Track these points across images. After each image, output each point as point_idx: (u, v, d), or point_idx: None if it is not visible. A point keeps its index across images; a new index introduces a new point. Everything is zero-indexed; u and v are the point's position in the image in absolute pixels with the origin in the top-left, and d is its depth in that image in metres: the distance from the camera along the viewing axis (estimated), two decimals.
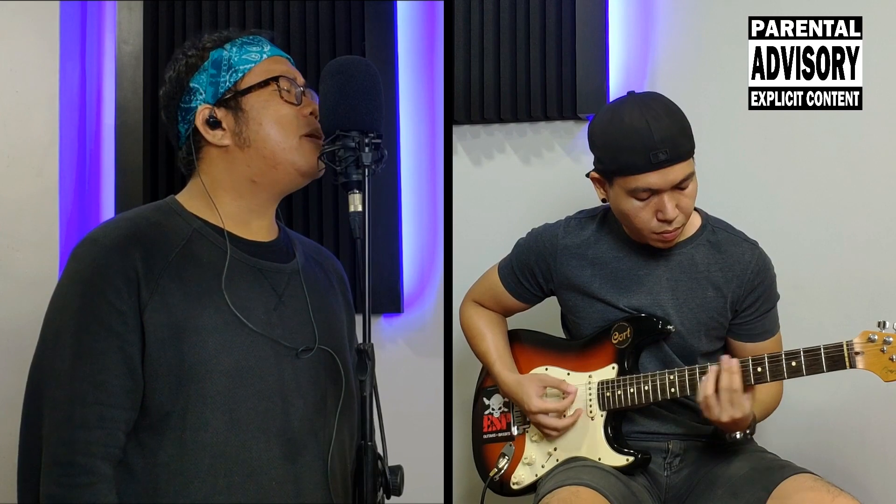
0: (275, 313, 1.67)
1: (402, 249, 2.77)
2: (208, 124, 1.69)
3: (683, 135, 2.01)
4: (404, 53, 2.82)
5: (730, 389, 1.95)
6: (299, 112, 1.71)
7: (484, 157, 2.83)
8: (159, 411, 1.57)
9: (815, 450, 2.48)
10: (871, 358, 1.87)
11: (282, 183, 1.72)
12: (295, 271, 1.75)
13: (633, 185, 2.01)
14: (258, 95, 1.69)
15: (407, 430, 2.14)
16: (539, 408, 2.17)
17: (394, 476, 1.53)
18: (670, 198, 2.01)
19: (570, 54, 2.70)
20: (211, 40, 1.73)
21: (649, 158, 1.97)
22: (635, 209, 2.04)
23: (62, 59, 2.91)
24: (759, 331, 2.15)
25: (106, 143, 3.00)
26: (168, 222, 1.66)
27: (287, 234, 1.82)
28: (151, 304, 1.56)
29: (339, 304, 1.86)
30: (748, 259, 2.12)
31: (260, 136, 1.68)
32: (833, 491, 1.90)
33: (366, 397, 1.50)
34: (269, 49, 1.75)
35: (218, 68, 1.70)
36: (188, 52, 1.73)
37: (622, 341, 2.14)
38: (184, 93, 1.71)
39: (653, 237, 2.08)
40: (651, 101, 2.04)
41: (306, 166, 1.70)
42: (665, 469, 2.15)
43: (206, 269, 1.63)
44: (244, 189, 1.70)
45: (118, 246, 1.58)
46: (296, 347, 1.67)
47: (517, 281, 2.29)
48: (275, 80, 1.70)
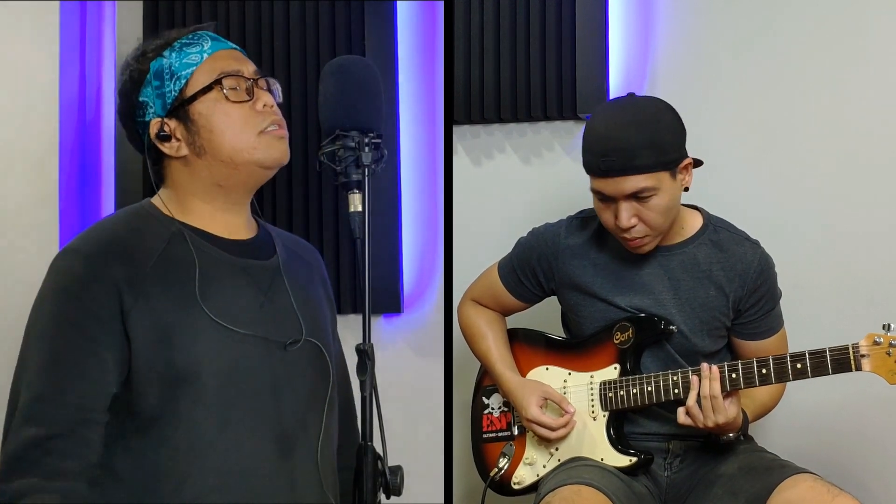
0: (261, 311, 1.66)
1: (402, 249, 2.77)
2: (160, 138, 1.67)
3: (647, 148, 1.97)
4: (404, 53, 2.81)
5: (710, 396, 1.95)
6: (252, 108, 1.67)
7: (484, 157, 2.83)
8: (148, 414, 1.56)
9: (815, 450, 2.48)
10: (877, 361, 1.86)
11: (249, 181, 1.70)
12: (276, 267, 1.73)
13: (592, 186, 2.05)
14: (203, 102, 1.66)
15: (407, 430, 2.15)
16: (535, 418, 2.16)
17: (394, 476, 1.52)
18: (627, 207, 2.01)
19: (570, 54, 2.69)
20: (152, 48, 1.69)
21: (599, 164, 1.99)
22: (599, 209, 2.08)
23: (62, 59, 2.90)
24: (763, 329, 2.15)
25: (106, 143, 2.99)
26: (146, 227, 1.65)
27: (266, 230, 1.81)
28: (136, 309, 1.56)
29: (321, 296, 1.85)
30: (750, 258, 2.12)
31: (213, 143, 1.65)
32: (833, 491, 1.90)
33: (366, 397, 1.50)
34: (210, 45, 1.70)
35: (161, 79, 1.67)
36: (131, 66, 1.70)
37: (624, 341, 2.14)
38: (135, 108, 1.69)
39: (621, 239, 2.09)
40: (630, 108, 2.03)
41: (269, 160, 1.68)
42: (666, 469, 2.15)
43: (189, 272, 1.61)
44: (213, 193, 1.69)
45: (97, 255, 1.58)
46: (283, 341, 1.66)
47: (517, 280, 2.29)
48: (217, 83, 1.66)
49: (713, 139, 2.56)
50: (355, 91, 1.58)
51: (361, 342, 1.52)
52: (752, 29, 2.61)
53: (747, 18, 2.61)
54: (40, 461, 1.50)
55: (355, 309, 2.73)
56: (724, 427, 1.99)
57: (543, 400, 2.18)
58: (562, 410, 2.16)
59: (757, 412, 2.13)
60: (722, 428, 1.99)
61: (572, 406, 2.16)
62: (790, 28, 2.58)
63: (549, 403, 2.19)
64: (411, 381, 2.72)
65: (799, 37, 2.58)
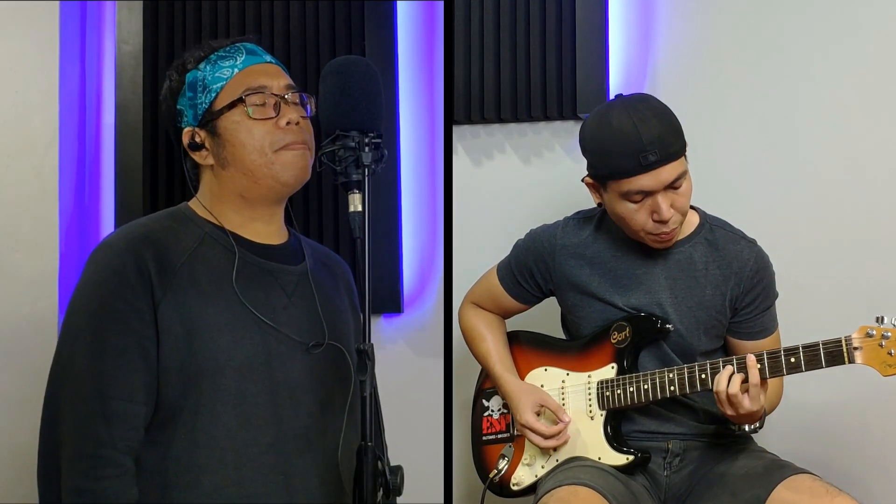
0: (284, 312, 1.71)
1: (402, 249, 2.77)
2: (191, 147, 1.74)
3: (672, 134, 2.01)
4: (404, 53, 2.81)
5: (751, 385, 1.94)
6: (275, 125, 1.71)
7: (484, 157, 2.83)
8: (170, 407, 1.61)
9: (815, 450, 2.48)
10: (870, 353, 1.87)
11: (271, 196, 1.75)
12: (304, 273, 1.77)
13: (626, 189, 2.01)
14: (229, 117, 1.71)
15: (407, 430, 2.15)
16: (529, 424, 2.17)
17: (394, 476, 1.53)
18: (664, 198, 2.01)
19: (570, 54, 2.69)
20: (191, 60, 1.76)
21: (639, 161, 1.97)
22: (630, 212, 2.04)
23: (62, 59, 2.90)
24: (758, 329, 2.15)
25: (106, 143, 3.00)
26: (180, 227, 1.71)
27: (297, 239, 1.85)
28: (164, 302, 1.61)
29: (346, 307, 1.88)
30: (746, 257, 2.12)
31: (236, 157, 1.71)
32: (832, 491, 1.90)
33: (366, 397, 1.51)
34: (243, 60, 1.75)
35: (194, 90, 1.74)
36: (171, 75, 1.78)
37: (621, 341, 2.14)
38: (175, 115, 1.76)
39: (650, 238, 2.08)
40: (638, 104, 2.04)
41: (288, 177, 1.72)
42: (665, 469, 2.15)
43: (216, 270, 1.67)
44: (239, 203, 1.74)
45: (131, 247, 1.64)
46: (305, 342, 1.70)
47: (516, 282, 2.29)
48: (241, 102, 1.71)
49: (713, 139, 2.56)
50: (355, 91, 1.58)
51: (361, 342, 1.53)
52: (753, 29, 2.61)
53: (747, 18, 2.61)
54: (117, 458, 1.56)
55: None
56: (752, 415, 1.97)
57: (539, 406, 2.19)
58: (557, 419, 2.16)
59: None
60: (751, 416, 1.97)
61: (568, 416, 2.16)
62: (790, 28, 2.58)
63: (545, 410, 2.19)
64: (411, 381, 2.72)
65: (799, 37, 2.57)
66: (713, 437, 2.15)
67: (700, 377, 2.03)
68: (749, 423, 2.02)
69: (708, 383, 2.01)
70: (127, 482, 1.56)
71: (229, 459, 1.62)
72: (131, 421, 1.58)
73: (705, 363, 2.03)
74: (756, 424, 2.03)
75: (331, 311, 1.78)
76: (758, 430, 2.06)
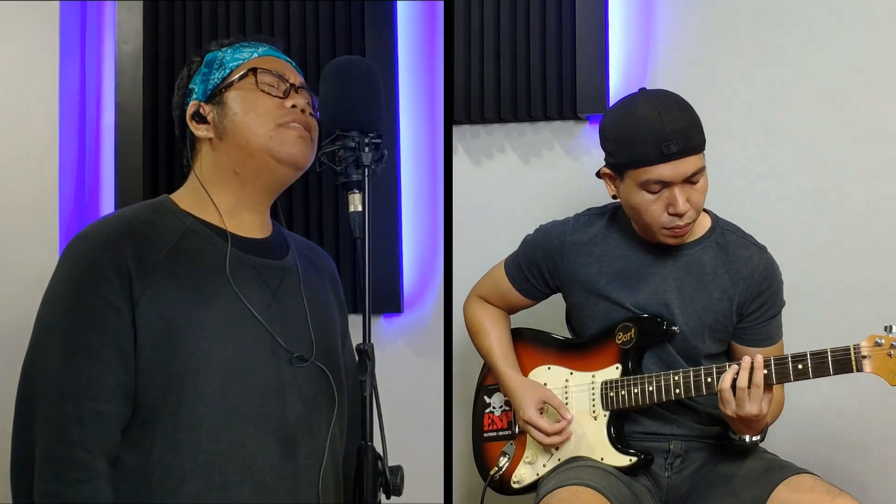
0: (269, 310, 1.66)
1: (402, 249, 2.77)
2: (194, 119, 1.71)
3: (695, 128, 2.02)
4: (404, 53, 2.81)
5: (754, 385, 1.94)
6: (281, 103, 1.70)
7: (484, 157, 2.83)
8: (150, 408, 1.55)
9: (815, 450, 2.48)
10: (878, 362, 1.86)
11: (264, 174, 1.70)
12: (289, 268, 1.74)
13: (645, 178, 2.00)
14: (238, 88, 1.70)
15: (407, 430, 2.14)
16: (531, 420, 2.16)
17: (394, 476, 1.52)
18: (681, 191, 2.01)
19: (570, 54, 2.69)
20: (214, 44, 1.77)
21: (661, 150, 1.97)
22: (646, 202, 2.04)
23: (62, 59, 2.91)
24: (763, 336, 2.15)
25: (106, 143, 3.00)
26: (161, 220, 1.65)
27: (281, 232, 1.82)
28: (144, 299, 1.55)
29: (331, 301, 1.85)
30: (756, 263, 2.12)
31: (235, 124, 1.68)
32: (833, 491, 1.90)
33: (366, 397, 1.50)
34: (265, 49, 1.76)
35: (210, 67, 1.73)
36: (191, 59, 1.78)
37: (626, 341, 2.14)
38: (185, 95, 1.75)
39: (663, 233, 2.07)
40: (663, 96, 2.06)
41: (281, 154, 1.68)
42: (666, 470, 2.15)
43: (199, 266, 1.62)
44: (231, 182, 1.70)
45: (109, 241, 1.57)
46: (291, 350, 1.66)
47: (523, 277, 2.29)
48: (252, 72, 1.70)
49: (713, 140, 2.54)
50: (355, 91, 1.58)
51: (361, 342, 1.52)
52: (753, 29, 2.61)
53: (748, 19, 2.61)
54: (89, 460, 1.50)
55: (355, 309, 2.67)
56: (752, 421, 1.96)
57: (542, 403, 2.18)
58: (559, 416, 2.16)
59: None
60: (751, 422, 1.96)
61: (570, 413, 2.16)
62: (791, 28, 2.58)
63: (547, 408, 2.19)
64: (411, 381, 2.72)
65: (800, 37, 2.57)
66: (715, 438, 2.14)
67: (706, 381, 2.02)
68: (750, 433, 2.01)
69: (713, 387, 2.00)
70: (100, 485, 1.50)
71: (214, 463, 1.56)
72: (106, 422, 1.51)
73: (711, 367, 2.03)
74: (757, 437, 2.02)
75: (315, 307, 1.75)
76: (759, 444, 2.06)
